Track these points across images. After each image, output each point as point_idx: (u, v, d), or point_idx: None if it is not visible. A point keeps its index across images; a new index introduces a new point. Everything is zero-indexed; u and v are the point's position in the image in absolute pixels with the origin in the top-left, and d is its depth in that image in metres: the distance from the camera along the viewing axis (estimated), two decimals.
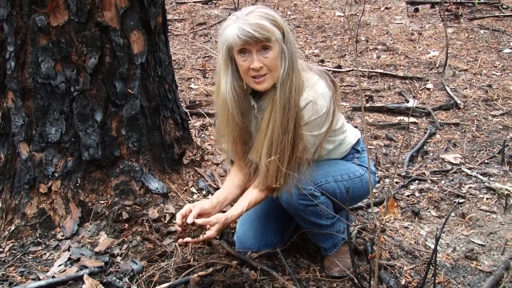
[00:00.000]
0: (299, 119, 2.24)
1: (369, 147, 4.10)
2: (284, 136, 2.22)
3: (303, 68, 2.30)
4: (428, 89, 5.23)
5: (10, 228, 2.78)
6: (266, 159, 2.26)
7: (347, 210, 2.16)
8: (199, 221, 2.24)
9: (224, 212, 2.37)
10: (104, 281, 2.44)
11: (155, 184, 2.91)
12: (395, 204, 1.68)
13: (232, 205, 2.72)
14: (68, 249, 2.66)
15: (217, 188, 3.14)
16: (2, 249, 2.70)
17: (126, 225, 2.78)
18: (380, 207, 3.25)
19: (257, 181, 2.36)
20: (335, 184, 2.45)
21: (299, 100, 2.23)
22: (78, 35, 2.67)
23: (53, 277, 2.49)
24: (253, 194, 2.37)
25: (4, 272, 2.55)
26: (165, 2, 3.11)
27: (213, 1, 8.54)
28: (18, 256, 2.65)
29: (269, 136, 2.24)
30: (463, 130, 4.36)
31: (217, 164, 3.40)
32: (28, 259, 2.64)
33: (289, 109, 2.21)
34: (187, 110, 4.24)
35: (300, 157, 2.29)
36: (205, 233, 2.24)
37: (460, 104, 4.77)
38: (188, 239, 2.22)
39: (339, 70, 5.72)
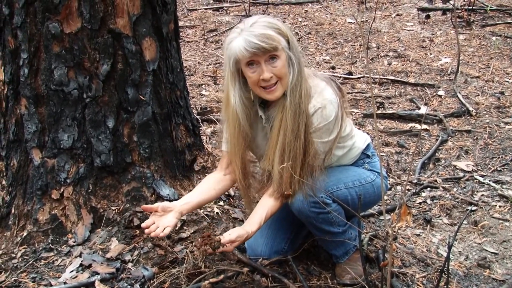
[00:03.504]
0: (309, 126, 2.24)
1: (380, 154, 4.09)
2: (295, 141, 2.22)
3: (308, 75, 2.31)
4: (440, 96, 5.21)
5: (23, 234, 2.79)
6: (278, 166, 2.26)
7: (359, 217, 2.15)
8: (224, 241, 2.18)
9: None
10: (115, 287, 2.44)
11: (166, 191, 2.92)
12: (408, 212, 1.67)
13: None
14: (80, 255, 2.66)
15: (228, 195, 3.14)
16: (14, 255, 2.71)
17: (138, 231, 2.78)
18: (392, 214, 3.23)
19: (271, 189, 2.35)
20: (347, 190, 2.44)
21: (308, 106, 2.23)
22: (91, 42, 2.69)
23: (64, 283, 2.50)
24: (268, 204, 2.35)
25: (16, 278, 2.56)
26: (177, 9, 3.13)
27: (224, 8, 8.57)
28: (30, 262, 2.66)
29: (281, 142, 2.24)
30: (475, 137, 4.34)
31: None
32: (40, 265, 2.65)
33: (300, 114, 2.21)
34: (198, 117, 4.25)
35: (311, 163, 2.28)
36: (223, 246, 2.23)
37: (472, 111, 4.75)
38: (209, 250, 2.22)
39: (350, 76, 5.72)
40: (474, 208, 3.33)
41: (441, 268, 2.60)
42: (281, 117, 2.23)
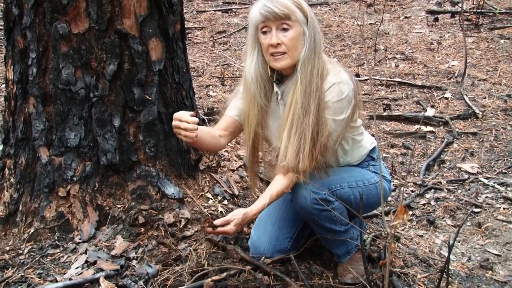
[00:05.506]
0: (322, 104, 2.27)
1: (385, 155, 4.10)
2: (304, 118, 2.25)
3: (329, 61, 2.36)
4: (447, 98, 5.21)
5: (30, 231, 2.84)
6: (286, 139, 2.29)
7: (360, 218, 2.17)
8: (218, 221, 2.27)
9: None
10: (119, 284, 2.47)
11: (171, 189, 2.95)
12: (404, 210, 1.69)
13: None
14: (85, 252, 2.70)
15: (232, 194, 3.17)
16: (21, 251, 2.75)
17: (142, 229, 2.81)
18: (391, 213, 3.24)
19: (279, 167, 2.36)
20: (350, 190, 2.46)
21: (322, 84, 2.27)
22: (98, 42, 2.73)
23: (70, 279, 2.53)
24: (275, 184, 2.36)
25: (23, 274, 2.60)
26: (186, 11, 3.17)
27: (233, 9, 8.61)
28: (36, 258, 2.70)
29: (290, 117, 2.28)
30: (481, 140, 4.34)
31: (233, 171, 3.43)
32: (46, 261, 2.69)
33: (310, 92, 2.25)
34: (204, 117, 4.28)
35: (324, 143, 2.30)
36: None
37: (479, 113, 4.74)
38: (209, 229, 2.27)
39: (357, 78, 5.72)
40: (477, 209, 3.34)
41: (442, 268, 2.62)
42: (293, 92, 2.29)
